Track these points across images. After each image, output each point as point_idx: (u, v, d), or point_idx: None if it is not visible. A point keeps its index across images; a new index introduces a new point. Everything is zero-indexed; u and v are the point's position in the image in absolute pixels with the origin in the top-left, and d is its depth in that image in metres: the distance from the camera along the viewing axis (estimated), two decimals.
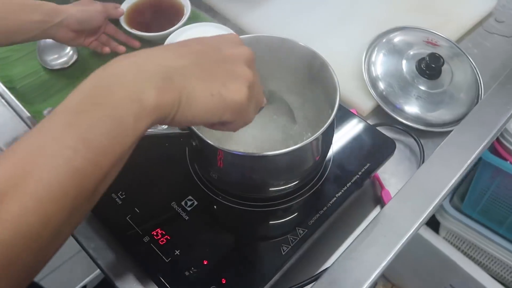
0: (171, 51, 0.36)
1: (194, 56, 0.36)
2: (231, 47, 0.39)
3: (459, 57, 0.76)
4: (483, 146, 0.55)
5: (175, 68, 0.34)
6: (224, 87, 0.36)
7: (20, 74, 0.77)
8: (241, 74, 0.38)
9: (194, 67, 0.36)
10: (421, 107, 0.70)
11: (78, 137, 0.29)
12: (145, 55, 0.35)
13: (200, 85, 0.35)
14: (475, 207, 0.99)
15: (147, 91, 0.32)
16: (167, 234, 0.55)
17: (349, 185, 0.58)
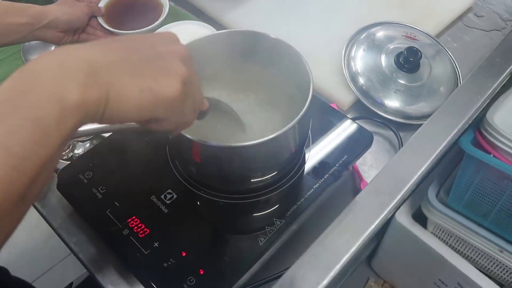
0: (99, 46, 0.35)
1: (124, 52, 0.35)
2: (165, 44, 0.38)
3: (438, 51, 0.77)
4: (453, 135, 0.56)
5: (101, 63, 0.33)
6: (155, 82, 0.35)
7: (4, 75, 0.78)
8: (174, 69, 0.37)
9: (123, 62, 0.34)
10: (400, 101, 0.71)
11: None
12: (70, 50, 0.33)
13: (129, 80, 0.34)
14: (460, 201, 1.00)
15: (69, 88, 0.30)
16: (146, 227, 0.55)
17: (326, 176, 0.59)
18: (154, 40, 0.38)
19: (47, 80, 0.30)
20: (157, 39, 0.39)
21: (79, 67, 0.31)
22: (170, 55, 0.37)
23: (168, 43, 0.39)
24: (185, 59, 0.38)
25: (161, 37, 0.40)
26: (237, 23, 0.85)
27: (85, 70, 0.32)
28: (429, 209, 1.06)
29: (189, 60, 0.39)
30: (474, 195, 0.96)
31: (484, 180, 0.92)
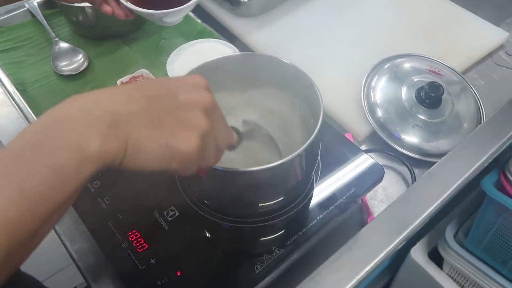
0: (123, 95, 0.35)
1: (146, 102, 0.35)
2: (190, 92, 0.38)
3: (462, 87, 0.75)
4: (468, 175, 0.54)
5: (123, 114, 0.33)
6: (172, 136, 0.35)
7: (32, 78, 0.80)
8: (193, 123, 0.37)
9: (143, 113, 0.35)
10: (418, 136, 0.69)
11: (15, 187, 0.29)
12: (95, 98, 0.34)
13: (147, 133, 0.34)
14: (478, 244, 0.96)
15: (91, 138, 0.31)
16: (145, 242, 0.55)
17: (331, 208, 0.58)
18: (179, 86, 0.38)
19: (70, 128, 0.31)
20: (182, 85, 0.38)
21: (102, 118, 0.32)
22: (192, 105, 0.37)
23: (193, 91, 0.38)
24: (208, 110, 0.38)
25: (187, 83, 0.39)
26: (260, 45, 0.85)
27: (108, 122, 0.32)
28: (446, 250, 1.02)
29: (212, 110, 0.39)
30: (493, 240, 0.92)
31: (505, 225, 0.88)
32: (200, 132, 0.37)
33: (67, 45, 0.84)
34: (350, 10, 0.91)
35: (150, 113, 0.35)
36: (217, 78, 0.61)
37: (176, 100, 0.36)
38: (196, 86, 0.39)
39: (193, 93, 0.38)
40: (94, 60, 0.84)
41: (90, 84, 0.80)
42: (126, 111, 0.34)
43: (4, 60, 0.82)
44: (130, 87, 0.36)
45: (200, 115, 0.37)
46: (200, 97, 0.38)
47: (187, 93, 0.37)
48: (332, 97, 0.75)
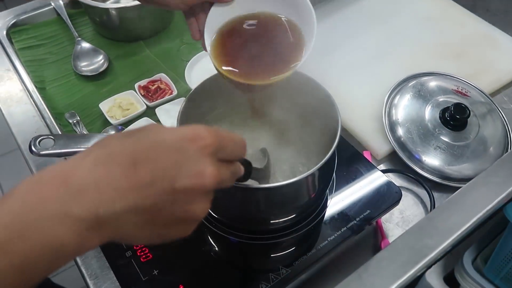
0: (109, 186, 0.30)
1: (135, 196, 0.30)
2: (190, 173, 0.31)
3: (490, 110, 0.71)
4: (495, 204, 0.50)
5: (108, 216, 0.30)
6: (165, 229, 0.33)
7: (52, 76, 0.81)
8: (191, 216, 0.33)
9: (132, 215, 0.30)
10: (440, 159, 0.66)
11: None
12: (77, 187, 0.30)
13: (137, 231, 0.31)
14: (498, 272, 0.92)
15: (66, 242, 0.29)
16: (149, 252, 0.54)
17: (343, 230, 0.56)
18: (178, 163, 0.32)
19: (45, 228, 0.29)
20: (181, 161, 0.32)
21: (83, 221, 0.29)
22: (190, 195, 0.32)
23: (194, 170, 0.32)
24: (211, 189, 0.33)
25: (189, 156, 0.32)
26: None
27: (89, 225, 0.29)
28: (463, 276, 0.98)
29: (217, 184, 0.33)
30: None
31: None
32: (198, 221, 0.34)
33: (88, 45, 0.85)
34: (376, 23, 0.89)
35: (140, 212, 0.31)
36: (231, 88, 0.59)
37: (171, 190, 0.31)
38: (200, 158, 0.32)
39: (193, 177, 0.32)
40: (114, 61, 0.84)
41: (108, 86, 0.79)
42: (112, 212, 0.30)
43: (26, 57, 0.83)
44: (117, 165, 0.31)
45: (200, 203, 0.33)
46: (201, 181, 0.32)
47: (185, 177, 0.31)
48: (353, 112, 0.73)
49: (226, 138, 0.35)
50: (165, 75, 0.77)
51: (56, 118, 0.73)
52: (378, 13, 0.91)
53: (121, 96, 0.75)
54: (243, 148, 0.37)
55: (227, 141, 0.35)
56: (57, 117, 0.74)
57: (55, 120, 0.72)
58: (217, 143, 0.33)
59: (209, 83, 0.56)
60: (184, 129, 0.33)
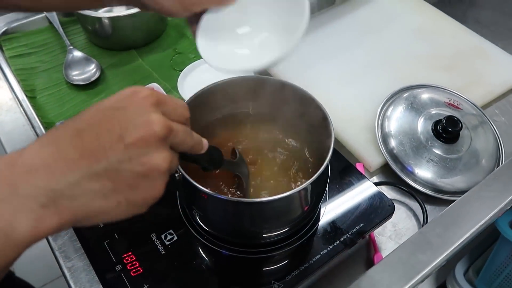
0: (57, 160, 0.29)
1: (87, 163, 0.29)
2: (136, 126, 0.31)
3: (482, 123, 0.72)
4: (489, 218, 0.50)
5: (62, 189, 0.29)
6: (132, 191, 0.31)
7: (43, 85, 0.80)
8: (152, 168, 0.31)
9: (88, 182, 0.29)
10: (433, 172, 0.66)
11: None
12: (25, 167, 0.29)
13: (98, 200, 0.30)
14: (490, 284, 0.92)
15: (18, 224, 0.27)
16: (140, 266, 0.53)
17: (336, 243, 0.55)
18: (122, 121, 0.31)
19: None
20: (125, 119, 0.31)
21: (33, 197, 0.28)
22: (144, 145, 0.30)
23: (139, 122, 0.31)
24: (163, 136, 0.32)
25: (130, 111, 0.31)
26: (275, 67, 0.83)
27: (41, 201, 0.28)
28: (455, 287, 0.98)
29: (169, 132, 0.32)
30: (506, 282, 0.88)
31: None
32: (163, 172, 0.32)
33: (80, 54, 0.84)
34: (369, 35, 0.89)
35: (96, 177, 0.29)
36: (225, 99, 0.59)
37: (122, 146, 0.30)
38: (142, 110, 0.32)
39: (140, 126, 0.31)
40: (106, 70, 0.83)
41: (100, 95, 0.79)
42: (65, 183, 0.29)
43: (17, 66, 0.82)
44: (63, 139, 0.30)
45: (157, 153, 0.31)
46: (149, 129, 0.31)
47: (133, 129, 0.30)
48: (345, 124, 0.73)
49: (164, 95, 0.34)
50: (158, 84, 0.77)
51: (46, 127, 0.73)
52: (370, 25, 0.91)
53: None
54: (185, 109, 0.36)
55: (165, 97, 0.34)
56: (47, 127, 0.73)
57: (45, 130, 0.72)
58: (156, 95, 0.33)
59: (202, 94, 0.56)
60: (121, 91, 0.33)
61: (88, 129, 0.31)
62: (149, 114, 0.31)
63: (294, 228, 0.55)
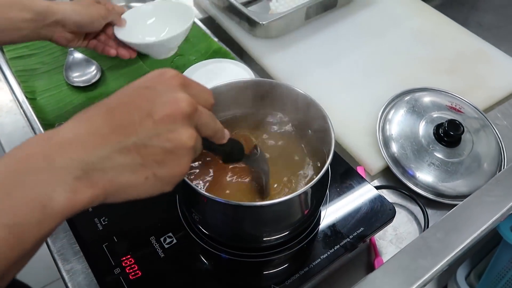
0: (90, 134, 0.31)
1: (118, 137, 0.31)
2: (164, 103, 0.32)
3: (483, 127, 0.71)
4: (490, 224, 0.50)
5: (94, 162, 0.30)
6: (159, 167, 0.32)
7: (43, 87, 0.80)
8: (179, 144, 0.32)
9: (118, 155, 0.31)
10: (434, 176, 0.65)
11: None
12: (60, 140, 0.30)
13: (129, 174, 0.31)
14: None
15: (55, 195, 0.29)
16: (138, 269, 0.53)
17: (337, 247, 0.55)
18: (150, 100, 0.33)
19: (31, 183, 0.28)
20: (154, 96, 0.33)
21: (68, 169, 0.29)
22: (171, 122, 0.32)
23: (168, 99, 0.33)
24: (189, 115, 0.33)
25: (158, 90, 0.34)
26: (276, 68, 0.83)
27: (76, 173, 0.29)
28: None
29: (194, 111, 0.34)
30: (508, 287, 0.88)
31: None
32: (188, 150, 0.34)
33: (81, 55, 0.84)
34: (371, 38, 0.89)
35: (126, 151, 0.31)
36: (227, 102, 0.59)
37: (151, 122, 0.32)
38: (170, 89, 0.34)
39: (168, 104, 0.33)
40: (106, 72, 0.83)
41: (100, 97, 0.78)
42: (97, 157, 0.30)
43: (17, 67, 0.82)
44: (96, 116, 0.32)
45: (183, 129, 0.33)
46: (177, 106, 0.33)
47: (161, 106, 0.32)
48: (346, 127, 0.73)
49: (191, 80, 0.37)
50: None
51: (46, 129, 0.72)
52: (371, 28, 0.91)
53: None
54: (209, 94, 0.38)
55: (191, 80, 0.36)
56: (47, 128, 0.73)
57: None
58: (182, 76, 0.35)
59: None
60: (149, 72, 0.36)
61: (120, 106, 0.33)
62: (176, 92, 0.33)
63: (294, 232, 0.54)
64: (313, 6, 0.89)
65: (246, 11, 0.86)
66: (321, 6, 0.91)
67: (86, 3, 0.66)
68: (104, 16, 0.67)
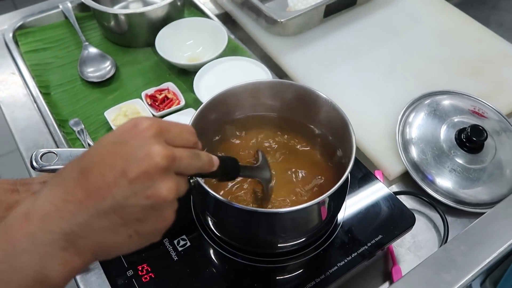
0: (66, 202, 0.30)
1: (93, 202, 0.30)
2: (138, 160, 0.31)
3: (507, 133, 0.69)
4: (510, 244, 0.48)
5: (75, 230, 0.30)
6: (140, 224, 0.32)
7: (58, 81, 0.79)
8: (158, 199, 0.31)
9: (97, 219, 0.30)
10: (455, 182, 0.64)
11: None
12: (39, 216, 0.30)
13: (110, 235, 0.31)
14: None
15: (48, 271, 0.30)
16: (151, 272, 0.52)
17: (354, 255, 0.53)
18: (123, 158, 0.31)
19: (24, 265, 0.29)
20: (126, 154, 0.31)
21: (53, 244, 0.30)
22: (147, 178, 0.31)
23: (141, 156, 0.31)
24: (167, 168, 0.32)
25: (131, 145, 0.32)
26: (293, 67, 0.81)
27: (61, 244, 0.30)
28: None
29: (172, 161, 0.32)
30: None
31: None
32: (170, 202, 0.33)
33: (96, 50, 0.83)
34: (392, 37, 0.87)
35: (104, 215, 0.31)
36: (244, 102, 0.58)
37: (126, 182, 0.30)
38: (143, 142, 0.32)
39: (142, 160, 0.31)
40: (121, 68, 0.82)
41: (114, 93, 0.78)
42: (77, 224, 0.30)
43: (32, 61, 0.81)
44: (70, 181, 0.31)
45: (161, 184, 0.31)
46: (151, 162, 0.31)
47: (135, 163, 0.31)
48: (364, 129, 0.71)
49: (167, 122, 0.34)
50: (173, 84, 0.76)
51: (60, 125, 0.72)
52: (392, 27, 0.89)
53: (127, 105, 0.73)
54: (191, 133, 0.36)
55: (168, 124, 0.34)
56: (61, 124, 0.72)
57: (59, 128, 0.71)
58: (157, 125, 0.33)
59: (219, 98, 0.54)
60: (122, 124, 0.34)
61: (92, 167, 0.31)
62: (150, 146, 0.32)
63: (311, 239, 0.53)
64: (332, 4, 0.86)
65: (264, 8, 0.84)
66: (340, 4, 0.89)
67: None
68: None
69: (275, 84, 0.57)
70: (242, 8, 0.90)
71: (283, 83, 0.56)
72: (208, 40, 0.82)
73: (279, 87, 0.56)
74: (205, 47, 0.83)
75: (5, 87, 0.77)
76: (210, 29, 0.83)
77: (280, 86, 0.56)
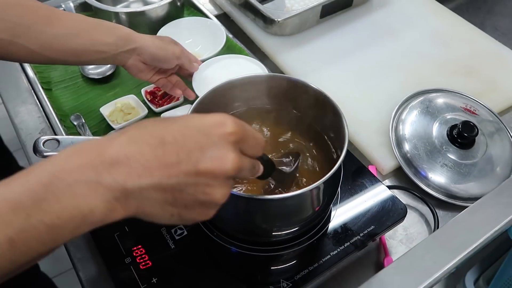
0: (138, 162, 0.32)
1: (161, 174, 0.32)
2: (213, 157, 0.33)
3: (498, 129, 0.71)
4: (501, 227, 0.49)
5: (135, 189, 0.32)
6: (186, 210, 0.34)
7: (59, 78, 0.80)
8: (211, 199, 0.34)
9: (156, 191, 0.33)
10: (446, 177, 0.65)
11: (3, 237, 0.29)
12: (112, 159, 0.32)
13: (158, 208, 0.34)
14: None
15: (96, 210, 0.31)
16: (149, 260, 0.53)
17: (347, 245, 0.55)
18: (203, 148, 0.33)
19: (77, 194, 0.31)
20: (206, 146, 0.33)
21: (111, 189, 0.32)
22: (212, 177, 0.33)
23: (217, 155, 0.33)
24: (231, 175, 0.34)
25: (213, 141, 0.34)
26: (290, 65, 0.83)
27: (116, 194, 0.32)
28: None
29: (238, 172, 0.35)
30: None
31: None
32: (218, 206, 0.36)
33: None
34: (387, 38, 0.89)
35: (163, 190, 0.33)
36: (240, 96, 0.59)
37: (194, 171, 0.33)
38: (223, 144, 0.34)
39: (215, 159, 0.33)
40: None
41: (114, 90, 0.79)
42: (137, 186, 0.32)
43: None
44: (148, 146, 0.33)
45: (220, 188, 0.34)
46: (222, 165, 0.34)
47: (208, 159, 0.33)
48: (359, 125, 0.73)
49: (249, 132, 0.37)
50: None
51: (61, 120, 0.73)
52: (387, 28, 0.91)
53: (122, 101, 0.75)
54: (261, 147, 0.39)
55: (249, 135, 0.37)
56: (62, 119, 0.73)
57: (60, 122, 0.72)
58: (241, 133, 0.35)
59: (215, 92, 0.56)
60: (212, 116, 0.36)
61: (172, 143, 0.33)
62: (226, 151, 0.34)
63: (305, 228, 0.54)
64: (328, 5, 0.88)
65: (262, 8, 0.86)
66: (336, 5, 0.91)
67: (165, 40, 0.69)
68: (178, 56, 0.68)
69: (270, 78, 0.58)
70: (240, 8, 0.93)
71: (276, 76, 0.58)
72: (206, 39, 0.84)
73: (274, 80, 0.58)
74: (203, 45, 0.84)
75: (8, 83, 0.78)
76: (208, 28, 0.85)
77: (274, 80, 0.58)
